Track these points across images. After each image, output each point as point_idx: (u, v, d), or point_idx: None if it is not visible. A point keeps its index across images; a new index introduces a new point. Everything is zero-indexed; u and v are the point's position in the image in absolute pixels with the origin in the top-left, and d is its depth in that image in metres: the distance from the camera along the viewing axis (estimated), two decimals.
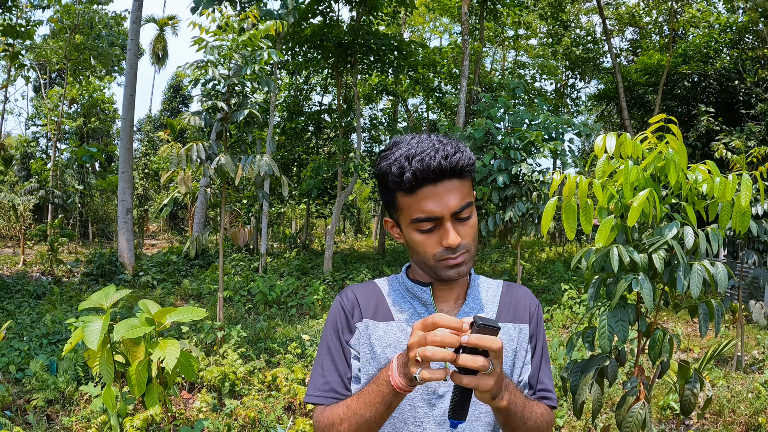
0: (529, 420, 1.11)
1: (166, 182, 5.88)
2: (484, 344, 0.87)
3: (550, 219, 2.20)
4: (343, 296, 1.27)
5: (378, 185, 1.19)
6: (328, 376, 1.20)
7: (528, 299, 1.30)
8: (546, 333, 8.32)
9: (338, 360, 1.21)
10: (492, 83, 17.78)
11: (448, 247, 1.10)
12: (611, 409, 4.64)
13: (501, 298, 1.27)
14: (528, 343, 1.26)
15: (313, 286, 9.33)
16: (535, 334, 1.28)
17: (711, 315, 2.25)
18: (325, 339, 1.25)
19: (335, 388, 1.19)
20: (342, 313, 1.24)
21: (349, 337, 1.23)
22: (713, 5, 18.57)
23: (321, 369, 1.22)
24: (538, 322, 1.29)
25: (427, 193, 1.08)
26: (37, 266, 13.52)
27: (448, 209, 1.09)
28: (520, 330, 1.25)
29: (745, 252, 5.38)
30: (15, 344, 5.91)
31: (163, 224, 31.22)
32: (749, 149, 10.82)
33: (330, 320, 1.26)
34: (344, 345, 1.22)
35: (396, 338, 1.19)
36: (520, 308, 1.27)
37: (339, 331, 1.23)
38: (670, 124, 2.17)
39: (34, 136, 27.37)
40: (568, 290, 8.85)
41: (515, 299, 1.28)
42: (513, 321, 1.25)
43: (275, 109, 13.79)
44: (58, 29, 19.46)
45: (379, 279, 1.33)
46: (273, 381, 4.93)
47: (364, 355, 1.20)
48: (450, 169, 1.07)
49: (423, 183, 1.07)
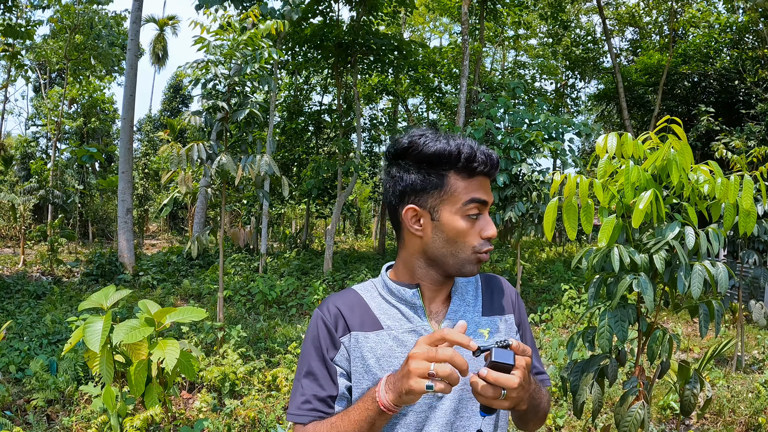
0: (539, 410, 1.16)
1: (166, 182, 5.88)
2: (501, 384, 0.91)
3: (552, 220, 2.19)
4: (324, 310, 1.19)
5: (413, 166, 1.13)
6: (308, 394, 1.14)
7: (506, 288, 1.32)
8: (546, 333, 8.25)
9: (321, 378, 1.14)
10: (492, 83, 17.78)
11: (489, 238, 1.12)
12: (611, 409, 4.64)
13: (482, 293, 1.27)
14: (516, 332, 1.27)
15: (313, 286, 9.32)
16: (521, 321, 1.31)
17: (711, 315, 2.24)
18: (306, 357, 1.17)
19: (317, 408, 1.13)
20: (324, 328, 1.16)
21: (334, 353, 1.15)
22: (713, 5, 18.57)
23: (301, 387, 1.15)
24: (520, 309, 1.32)
25: (480, 181, 1.13)
26: (37, 266, 13.52)
27: (490, 200, 1.14)
28: (506, 321, 1.26)
29: (745, 252, 5.37)
30: (15, 344, 5.91)
31: (163, 224, 31.23)
32: (749, 149, 10.81)
33: (310, 336, 1.18)
34: (328, 363, 1.15)
35: (388, 347, 1.14)
36: (502, 299, 1.29)
37: (322, 348, 1.15)
38: (673, 125, 2.17)
39: (34, 136, 27.35)
40: (568, 290, 8.85)
41: (496, 291, 1.30)
42: (498, 313, 1.26)
43: (275, 109, 13.79)
44: (58, 29, 19.46)
45: (357, 285, 1.27)
46: (273, 381, 4.93)
47: (356, 369, 1.14)
48: (496, 168, 1.14)
49: (482, 171, 1.12)
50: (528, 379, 0.97)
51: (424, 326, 1.17)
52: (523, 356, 0.95)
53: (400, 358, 1.13)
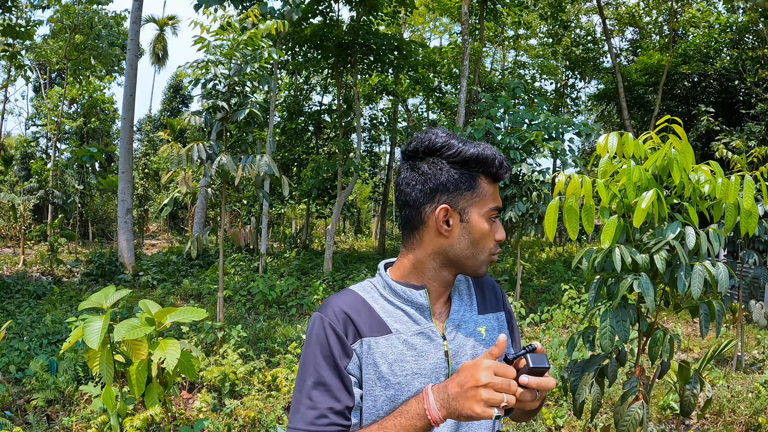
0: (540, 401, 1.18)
1: (166, 182, 5.88)
2: (544, 387, 0.96)
3: (554, 220, 2.18)
4: (329, 314, 1.10)
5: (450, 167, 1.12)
6: (322, 408, 1.05)
7: (492, 285, 1.34)
8: (546, 333, 8.25)
9: (336, 389, 1.06)
10: (492, 83, 17.77)
11: (500, 240, 1.17)
12: (611, 409, 4.64)
13: (474, 292, 1.28)
14: (507, 327, 1.31)
15: (313, 286, 9.32)
16: (509, 316, 1.34)
17: (712, 315, 2.24)
18: (313, 366, 1.07)
19: (335, 422, 1.05)
20: (333, 335, 1.08)
21: (347, 362, 1.08)
22: (713, 5, 18.57)
23: (309, 400, 1.06)
24: (506, 304, 1.35)
25: (496, 187, 1.18)
26: (37, 266, 13.52)
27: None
28: (497, 318, 1.29)
29: (745, 252, 5.37)
30: (15, 344, 5.91)
31: (163, 224, 31.23)
32: (750, 149, 10.81)
33: (317, 343, 1.09)
34: (342, 372, 1.07)
35: (399, 352, 1.10)
36: (492, 296, 1.31)
37: (334, 357, 1.07)
38: (674, 125, 2.17)
39: (34, 136, 27.35)
40: (568, 290, 8.85)
41: (485, 288, 1.31)
42: (492, 311, 1.28)
43: (275, 109, 13.79)
44: (58, 29, 19.46)
45: (355, 286, 1.20)
46: (273, 381, 4.93)
47: (368, 377, 1.09)
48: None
49: (504, 178, 1.19)
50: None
51: (431, 327, 1.16)
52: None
53: (410, 362, 1.11)
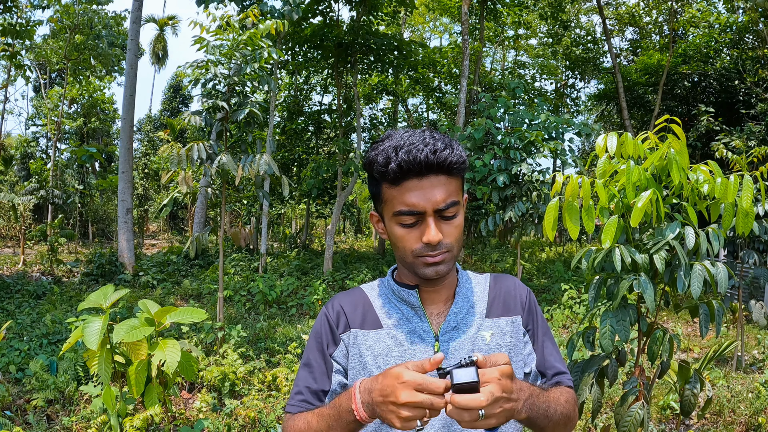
0: (554, 415, 1.08)
1: (166, 182, 5.88)
2: (466, 406, 0.85)
3: (554, 220, 2.18)
4: (329, 307, 1.24)
5: (367, 176, 1.17)
6: (301, 385, 1.19)
7: (517, 289, 1.27)
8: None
9: (317, 371, 1.19)
10: (492, 83, 17.78)
11: (428, 243, 1.06)
12: (611, 409, 4.63)
13: (489, 293, 1.24)
14: (525, 333, 1.23)
15: (313, 286, 9.32)
16: (532, 321, 1.25)
17: (712, 315, 2.24)
18: (307, 350, 1.23)
19: (307, 399, 1.17)
20: (326, 324, 1.21)
21: (333, 349, 1.20)
22: (713, 5, 18.57)
23: (297, 379, 1.22)
24: (531, 309, 1.26)
25: (411, 185, 1.05)
26: (37, 266, 13.52)
27: (431, 204, 1.05)
28: (512, 323, 1.21)
29: (745, 252, 5.37)
30: (15, 344, 5.91)
31: (163, 224, 31.21)
32: (749, 149, 10.81)
33: (314, 331, 1.24)
34: (327, 358, 1.19)
35: (386, 346, 1.16)
36: (509, 300, 1.24)
37: (323, 343, 1.20)
38: (672, 125, 2.17)
39: (34, 136, 27.34)
40: (568, 290, 8.85)
41: (504, 291, 1.25)
42: (504, 315, 1.22)
43: (275, 109, 13.79)
44: (58, 29, 19.44)
45: (365, 285, 1.29)
46: (273, 381, 4.93)
47: (353, 366, 1.17)
48: (437, 163, 1.04)
49: (408, 175, 1.04)
50: (510, 389, 0.90)
51: (423, 327, 1.17)
52: (495, 367, 0.89)
53: (396, 358, 1.13)
